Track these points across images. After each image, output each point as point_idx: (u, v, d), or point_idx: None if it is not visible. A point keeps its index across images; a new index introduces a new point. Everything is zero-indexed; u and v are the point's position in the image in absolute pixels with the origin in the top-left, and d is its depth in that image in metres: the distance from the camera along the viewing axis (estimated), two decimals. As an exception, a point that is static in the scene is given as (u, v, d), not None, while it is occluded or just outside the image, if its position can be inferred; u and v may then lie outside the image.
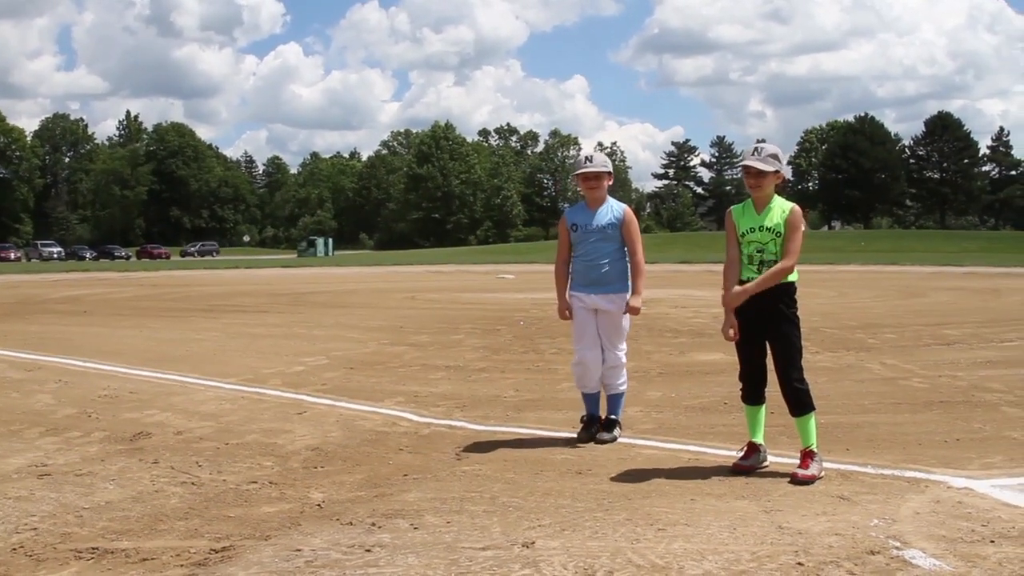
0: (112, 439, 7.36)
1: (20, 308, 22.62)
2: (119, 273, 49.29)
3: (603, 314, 7.10)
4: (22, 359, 12.28)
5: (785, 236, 6.12)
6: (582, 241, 7.12)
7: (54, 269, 57.73)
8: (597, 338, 7.14)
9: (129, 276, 45.33)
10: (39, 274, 48.90)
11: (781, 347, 6.16)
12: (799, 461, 6.07)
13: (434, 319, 17.92)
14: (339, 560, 4.50)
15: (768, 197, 6.22)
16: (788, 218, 6.13)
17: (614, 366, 7.13)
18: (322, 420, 8.05)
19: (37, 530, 5.05)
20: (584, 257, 7.12)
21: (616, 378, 7.16)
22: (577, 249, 7.17)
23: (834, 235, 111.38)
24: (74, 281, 39.43)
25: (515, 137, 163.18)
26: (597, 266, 7.04)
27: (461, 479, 6.04)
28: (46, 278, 43.77)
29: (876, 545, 4.59)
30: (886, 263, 49.02)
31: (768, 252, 6.14)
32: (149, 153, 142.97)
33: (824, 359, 11.30)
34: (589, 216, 7.11)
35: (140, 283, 36.72)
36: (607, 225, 7.06)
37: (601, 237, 7.05)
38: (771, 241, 6.13)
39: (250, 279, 40.18)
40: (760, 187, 6.18)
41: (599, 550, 4.58)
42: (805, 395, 6.11)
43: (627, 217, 7.12)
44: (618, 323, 7.12)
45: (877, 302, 21.93)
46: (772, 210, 6.18)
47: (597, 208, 7.12)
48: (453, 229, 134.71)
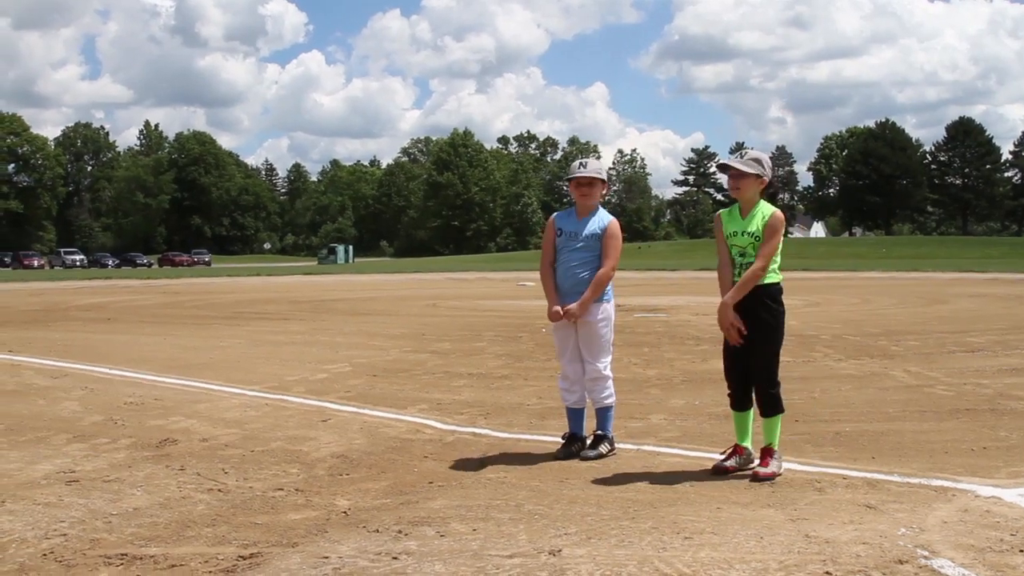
0: (139, 446, 7.40)
1: (44, 315, 22.76)
2: (141, 280, 49.52)
3: (581, 325, 6.87)
4: (48, 366, 12.35)
5: (762, 240, 6.21)
6: (564, 248, 6.94)
7: (77, 276, 58.03)
8: (578, 352, 6.95)
9: (151, 284, 45.54)
10: (62, 281, 49.17)
11: (760, 349, 6.26)
12: (759, 459, 6.27)
13: (456, 327, 17.94)
14: (366, 567, 4.51)
15: (751, 202, 6.33)
16: (767, 222, 6.24)
17: (596, 378, 6.90)
18: (346, 427, 8.07)
19: (67, 536, 5.08)
20: (563, 264, 6.94)
21: (600, 391, 6.93)
22: (559, 256, 6.98)
23: (855, 241, 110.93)
24: (97, 288, 39.65)
25: (534, 144, 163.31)
26: (574, 275, 6.86)
27: (486, 487, 6.04)
28: (69, 285, 44.03)
29: (904, 554, 4.57)
30: (907, 269, 48.83)
31: (748, 256, 6.26)
32: (171, 161, 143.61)
33: (847, 366, 11.27)
34: (575, 224, 6.94)
35: (162, 291, 36.89)
36: (590, 235, 6.87)
37: (583, 246, 6.86)
38: (750, 245, 6.25)
39: (271, 287, 40.31)
40: (739, 189, 6.31)
41: (626, 558, 4.58)
42: (777, 398, 6.29)
43: (610, 228, 6.89)
44: (597, 335, 6.88)
45: (899, 309, 21.84)
46: (755, 215, 6.29)
47: (585, 216, 6.94)
48: (473, 236, 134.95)
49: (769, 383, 6.26)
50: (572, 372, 6.97)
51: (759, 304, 6.20)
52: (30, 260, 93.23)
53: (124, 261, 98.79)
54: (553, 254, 7.03)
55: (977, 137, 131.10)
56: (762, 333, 6.22)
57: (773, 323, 6.25)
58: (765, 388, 6.26)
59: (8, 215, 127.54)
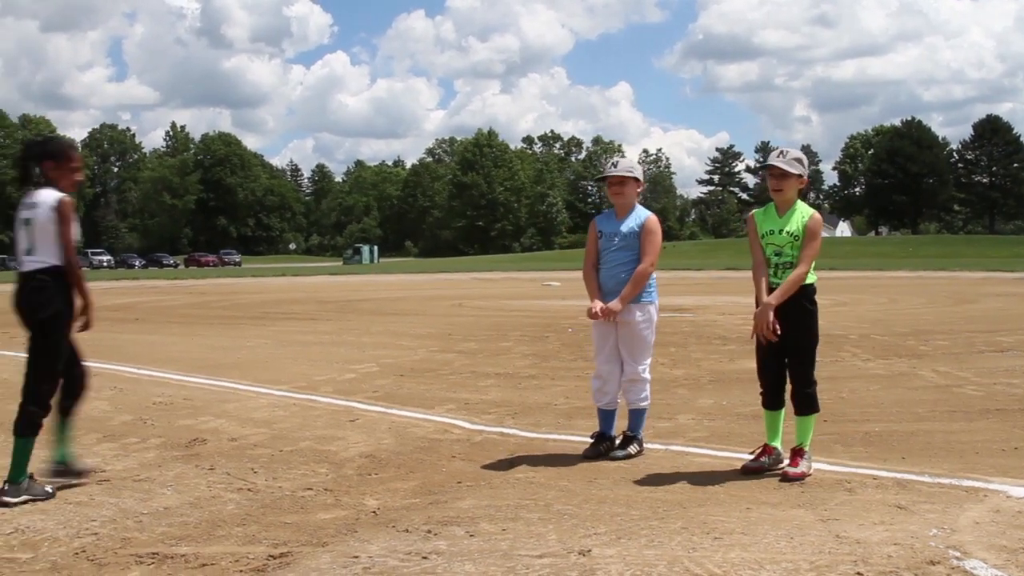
0: (168, 445, 7.44)
1: (72, 316, 22.84)
2: (168, 281, 49.82)
3: (623, 326, 6.82)
4: (77, 366, 12.39)
5: (803, 242, 6.21)
6: (605, 249, 6.92)
7: (104, 277, 58.33)
8: (616, 352, 6.89)
9: (178, 284, 45.80)
10: (90, 282, 48.62)
11: (798, 348, 6.27)
12: (789, 459, 6.25)
13: (482, 326, 17.96)
14: (396, 567, 4.52)
15: (790, 201, 6.34)
16: (808, 223, 6.25)
17: (634, 380, 6.85)
18: (374, 427, 8.08)
19: (98, 535, 5.11)
20: (606, 266, 6.91)
21: (637, 393, 6.89)
22: (602, 257, 6.95)
23: (881, 241, 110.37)
24: (125, 289, 39.90)
25: (559, 144, 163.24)
26: (616, 275, 6.82)
27: (515, 486, 6.04)
28: (97, 286, 44.06)
29: (936, 555, 4.54)
30: (935, 269, 48.55)
31: (785, 255, 6.25)
32: (196, 162, 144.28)
33: (876, 366, 11.21)
34: (614, 224, 6.93)
35: (189, 291, 37.09)
36: (628, 233, 6.84)
37: (623, 245, 6.84)
38: (788, 244, 6.24)
39: (298, 287, 40.45)
40: (782, 189, 6.31)
41: (656, 559, 4.57)
42: (813, 397, 6.30)
43: (648, 224, 6.86)
44: (638, 336, 6.83)
45: (927, 308, 21.72)
46: (793, 215, 6.30)
47: (623, 216, 6.92)
48: (497, 236, 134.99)
49: (805, 382, 6.25)
50: (606, 372, 6.92)
51: (796, 304, 6.19)
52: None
53: (151, 262, 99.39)
54: (596, 256, 7.00)
55: (1004, 135, 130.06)
56: (799, 333, 6.21)
57: (810, 323, 6.25)
58: (801, 387, 6.26)
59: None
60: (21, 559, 4.73)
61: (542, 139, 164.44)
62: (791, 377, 6.31)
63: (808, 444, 6.26)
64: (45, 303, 6.03)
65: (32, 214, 6.13)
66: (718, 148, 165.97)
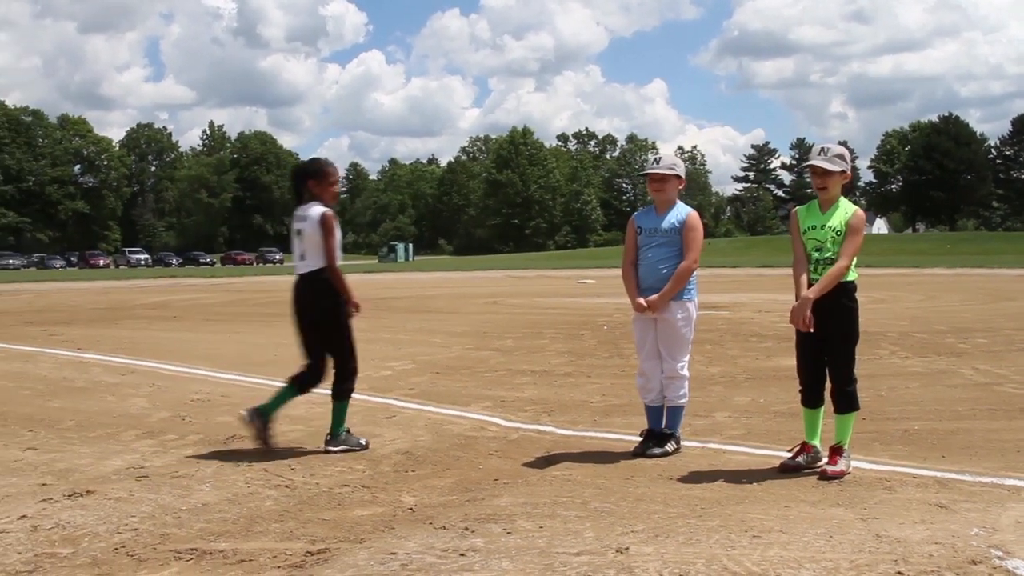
0: (206, 442, 7.49)
1: (111, 313, 23.10)
2: (205, 279, 50.14)
3: (662, 322, 6.80)
4: (115, 363, 12.53)
5: (844, 237, 6.18)
6: (645, 245, 6.88)
7: (142, 275, 58.87)
8: (656, 348, 6.86)
9: (215, 282, 46.08)
10: (127, 280, 49.89)
11: (838, 346, 6.24)
12: (828, 457, 6.22)
13: (517, 324, 17.95)
14: (434, 564, 4.52)
15: (834, 198, 6.31)
16: (850, 220, 6.21)
17: (672, 377, 6.82)
18: (411, 424, 8.10)
19: (137, 531, 5.14)
20: (645, 261, 6.87)
21: (675, 390, 6.85)
22: (641, 253, 6.91)
23: (918, 237, 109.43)
24: (161, 287, 40.20)
25: (593, 142, 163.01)
26: (657, 270, 6.78)
27: (552, 484, 6.03)
28: (134, 284, 44.66)
29: (977, 555, 4.50)
30: (973, 266, 48.04)
31: (826, 250, 6.21)
32: (232, 161, 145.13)
33: (915, 364, 11.12)
34: (655, 219, 6.88)
35: (226, 289, 37.31)
36: (669, 229, 6.79)
37: (664, 241, 6.79)
38: (830, 240, 6.21)
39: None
40: (826, 187, 6.28)
41: (694, 556, 4.55)
42: (853, 395, 6.26)
43: (689, 220, 6.81)
44: (676, 333, 6.80)
45: (966, 306, 21.51)
46: (836, 211, 6.27)
47: (664, 212, 6.87)
48: (532, 234, 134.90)
49: (846, 380, 6.21)
50: (648, 368, 6.90)
51: (837, 302, 6.15)
52: (96, 259, 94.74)
53: (187, 260, 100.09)
54: (635, 253, 6.96)
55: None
56: (840, 330, 6.18)
57: (850, 320, 6.21)
58: (842, 385, 6.21)
59: (75, 215, 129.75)
60: (62, 554, 4.77)
61: (576, 137, 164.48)
62: (831, 375, 6.27)
63: (847, 443, 6.22)
64: (320, 297, 7.12)
65: (303, 226, 7.18)
66: (753, 145, 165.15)
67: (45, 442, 7.59)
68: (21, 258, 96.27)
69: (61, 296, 33.16)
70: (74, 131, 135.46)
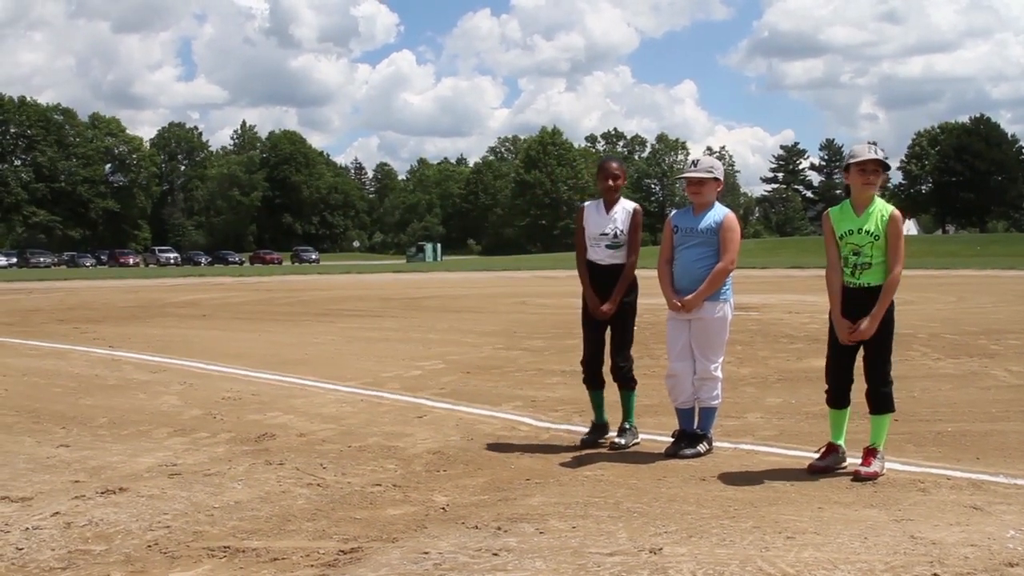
0: (238, 440, 7.50)
1: (141, 312, 23.22)
2: (234, 278, 50.37)
3: (696, 322, 6.78)
4: (147, 361, 12.59)
5: (890, 244, 6.11)
6: (680, 244, 6.88)
7: (171, 274, 59.22)
8: (689, 349, 6.83)
9: (244, 281, 46.27)
10: (157, 279, 50.16)
11: (876, 347, 6.19)
12: (862, 458, 6.16)
13: (547, 324, 17.92)
14: (467, 563, 4.51)
15: (869, 199, 6.19)
16: (889, 227, 6.12)
17: (705, 378, 6.79)
18: (442, 424, 8.09)
19: (170, 528, 5.15)
20: (681, 261, 6.87)
21: (708, 391, 6.82)
22: (677, 252, 6.91)
23: (949, 239, 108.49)
24: (191, 286, 40.41)
25: (622, 142, 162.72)
26: (693, 270, 6.76)
27: (584, 484, 6.02)
28: (164, 282, 44.91)
29: (1015, 557, 4.45)
30: (1004, 268, 47.63)
31: (864, 255, 6.14)
32: (262, 160, 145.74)
33: (947, 366, 11.02)
34: (691, 220, 6.88)
35: (255, 288, 37.44)
36: (706, 229, 6.78)
37: (700, 241, 6.78)
38: (868, 244, 6.12)
39: (362, 284, 40.67)
40: (872, 185, 6.17)
41: (728, 557, 4.52)
42: (889, 397, 6.22)
43: (726, 221, 6.80)
44: (712, 333, 6.79)
45: (998, 307, 21.30)
46: (872, 213, 6.17)
47: (701, 212, 6.86)
48: (560, 235, 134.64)
49: (883, 381, 6.16)
50: (679, 369, 6.86)
51: (874, 304, 6.09)
52: (126, 258, 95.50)
53: (216, 259, 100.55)
54: (671, 252, 6.96)
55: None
56: (878, 332, 6.12)
57: (888, 320, 6.16)
58: (878, 386, 6.16)
59: (105, 214, 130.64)
60: (95, 551, 4.78)
61: (605, 137, 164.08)
62: (868, 376, 6.21)
63: (882, 444, 6.17)
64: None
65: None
66: (783, 146, 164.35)
67: (78, 439, 7.63)
68: (52, 256, 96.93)
69: (92, 294, 33.38)
70: (105, 130, 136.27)
